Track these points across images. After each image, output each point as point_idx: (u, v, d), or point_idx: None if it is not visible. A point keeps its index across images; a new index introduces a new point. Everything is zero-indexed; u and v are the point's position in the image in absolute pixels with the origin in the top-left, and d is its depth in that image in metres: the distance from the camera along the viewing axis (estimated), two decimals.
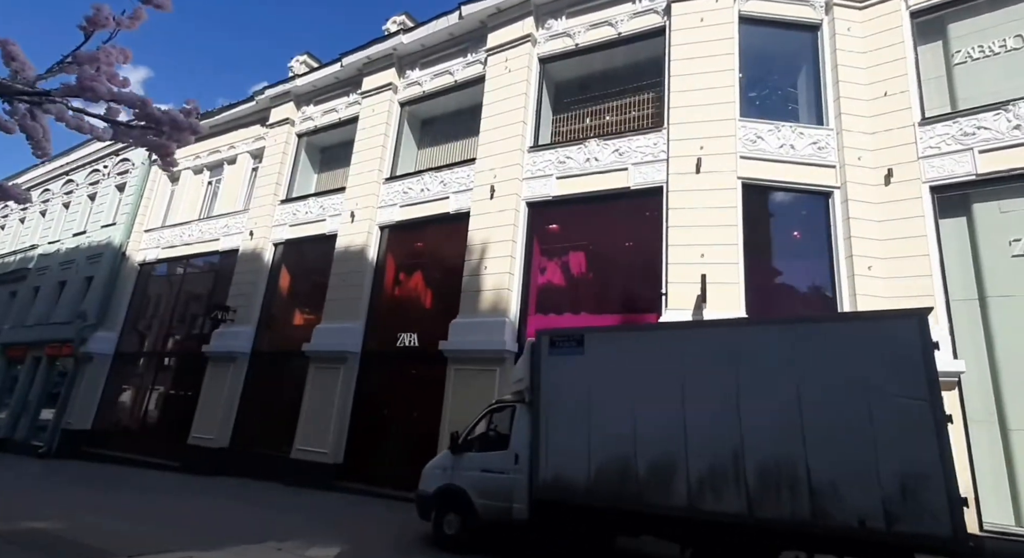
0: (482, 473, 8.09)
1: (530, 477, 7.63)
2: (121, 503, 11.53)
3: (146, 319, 20.39)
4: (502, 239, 12.39)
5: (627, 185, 11.46)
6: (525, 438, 7.86)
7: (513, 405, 8.25)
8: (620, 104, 12.93)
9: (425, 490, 8.59)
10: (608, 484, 6.94)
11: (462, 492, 8.14)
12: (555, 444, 7.45)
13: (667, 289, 10.37)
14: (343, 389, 13.75)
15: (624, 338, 7.48)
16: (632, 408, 6.96)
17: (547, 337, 7.97)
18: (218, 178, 20.29)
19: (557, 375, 7.72)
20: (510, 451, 7.93)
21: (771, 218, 10.71)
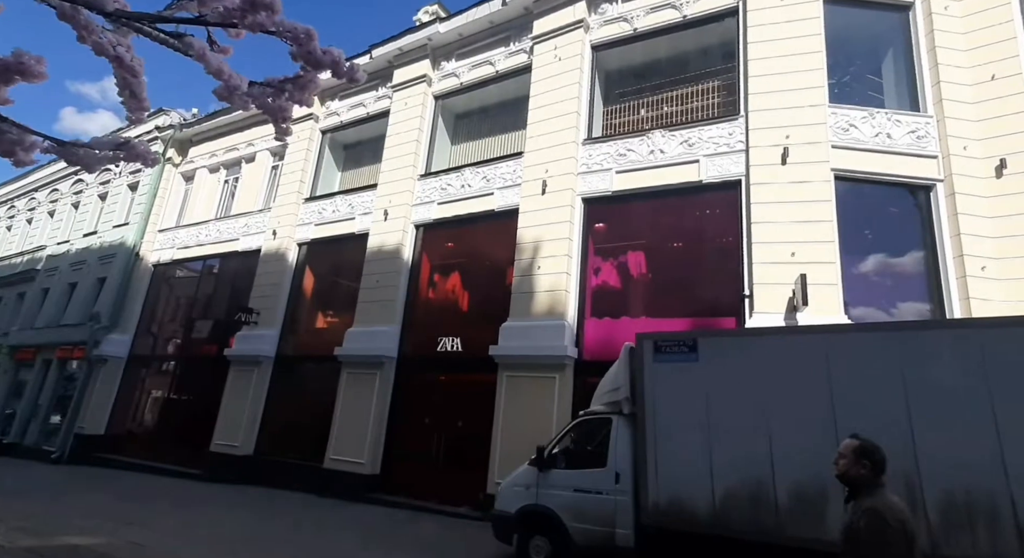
0: (575, 493, 6.94)
1: (635, 499, 6.51)
2: (154, 515, 10.29)
3: (161, 321, 19.07)
4: (557, 237, 11.25)
5: (698, 178, 10.35)
6: (627, 454, 6.73)
7: (608, 417, 7.12)
8: (681, 93, 11.83)
9: (505, 510, 7.44)
10: (738, 511, 5.80)
11: (551, 514, 6.99)
12: (668, 463, 6.32)
13: (751, 291, 9.27)
14: (379, 396, 12.53)
15: (753, 343, 6.33)
16: (766, 423, 5.84)
17: (651, 342, 6.84)
18: (235, 177, 19.02)
19: (665, 384, 6.60)
20: (609, 469, 6.79)
21: (867, 214, 9.62)
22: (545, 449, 7.24)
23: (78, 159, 2.45)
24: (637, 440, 6.68)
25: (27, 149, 2.36)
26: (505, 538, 7.48)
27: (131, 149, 2.50)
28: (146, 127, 20.81)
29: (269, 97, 2.45)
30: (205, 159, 19.65)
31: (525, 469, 7.50)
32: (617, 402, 7.07)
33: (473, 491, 11.01)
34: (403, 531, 9.74)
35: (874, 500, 2.76)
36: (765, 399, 5.90)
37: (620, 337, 10.45)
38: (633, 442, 6.76)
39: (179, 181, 20.44)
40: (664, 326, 10.11)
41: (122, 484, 14.19)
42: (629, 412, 6.89)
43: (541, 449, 7.23)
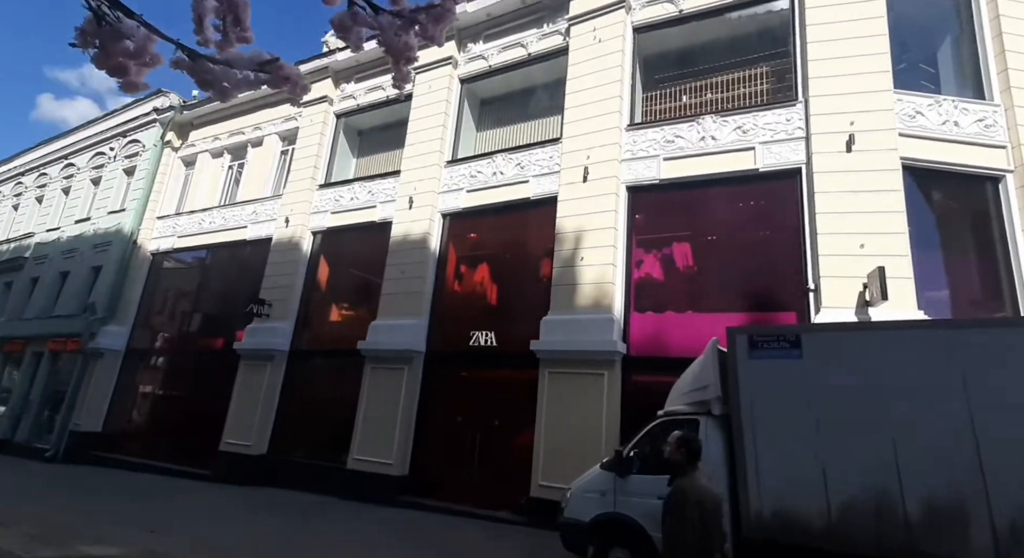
0: (660, 501, 6.34)
1: (732, 508, 5.98)
2: (174, 520, 9.57)
3: (161, 313, 18.13)
4: (601, 226, 10.67)
5: (754, 166, 9.84)
6: (720, 459, 6.19)
7: (694, 418, 6.56)
8: (726, 79, 11.33)
9: (577, 518, 6.86)
10: (859, 523, 5.30)
11: (633, 523, 6.43)
12: (772, 469, 5.79)
13: (817, 284, 8.79)
14: (407, 392, 11.87)
15: (868, 338, 5.80)
16: (888, 425, 5.34)
17: (745, 337, 6.31)
18: (240, 162, 18.08)
19: (764, 383, 6.07)
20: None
21: (934, 205, 9.19)
22: (625, 453, 6.66)
23: (213, 80, 1.96)
24: (732, 444, 6.14)
25: (146, 64, 1.86)
26: (577, 548, 6.92)
27: (277, 70, 2.02)
28: (143, 108, 19.80)
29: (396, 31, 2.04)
30: (207, 143, 18.66)
31: (598, 474, 6.93)
32: (705, 402, 6.53)
33: (512, 494, 10.46)
34: (449, 538, 9.15)
35: (683, 481, 3.65)
36: (886, 399, 5.40)
37: (667, 332, 10.01)
38: (726, 446, 6.23)
39: (179, 166, 19.42)
40: (713, 322, 9.58)
41: (127, 484, 13.40)
42: (721, 413, 6.34)
43: (620, 453, 6.66)
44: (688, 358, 9.45)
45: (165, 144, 19.22)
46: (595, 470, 7.14)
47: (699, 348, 9.37)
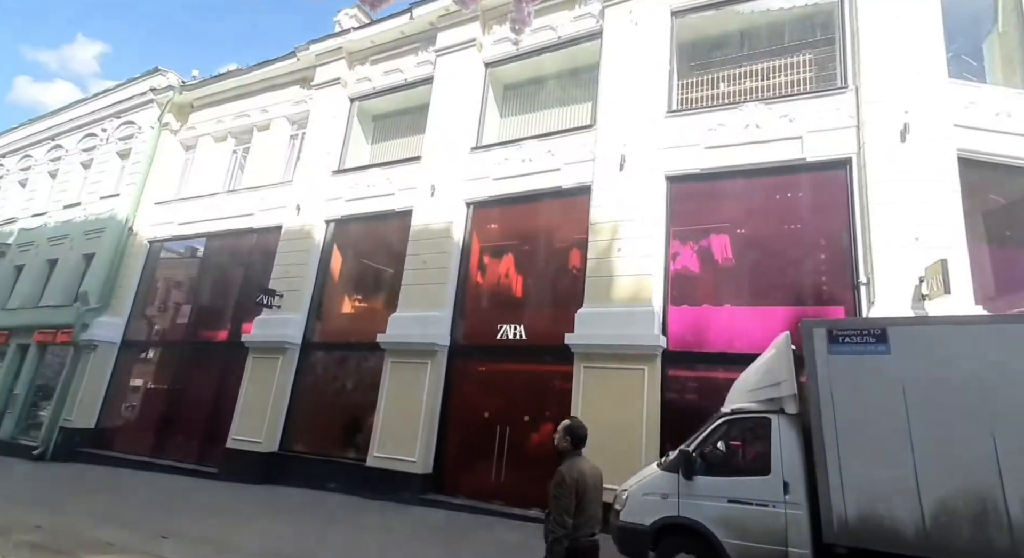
0: (731, 505, 6.20)
1: (812, 513, 5.82)
2: (186, 522, 9.22)
3: (160, 303, 17.67)
4: (638, 217, 10.48)
5: (801, 156, 9.69)
6: (796, 460, 6.04)
7: (764, 416, 6.40)
8: (766, 67, 11.16)
9: (636, 522, 6.65)
10: (957, 529, 5.16)
11: (701, 528, 6.24)
12: (857, 471, 5.64)
13: (869, 278, 8.67)
14: (431, 387, 11.60)
15: (965, 333, 5.65)
16: (989, 424, 5.21)
17: (823, 330, 6.15)
18: (246, 146, 17.60)
19: (846, 380, 5.92)
20: (774, 477, 6.08)
21: (989, 197, 9.11)
22: (691, 453, 6.46)
23: None
24: (810, 444, 5.98)
25: None
26: (636, 554, 6.70)
27: None
28: (138, 88, 19.22)
29: None
30: (210, 126, 18.13)
31: (659, 475, 6.73)
32: (776, 399, 6.37)
33: (543, 492, 10.21)
34: (486, 538, 8.93)
35: (565, 464, 4.04)
36: (985, 396, 5.28)
37: (707, 326, 9.86)
38: (803, 446, 6.07)
39: (178, 150, 18.88)
40: (755, 316, 9.51)
41: (127, 483, 13.00)
42: (798, 411, 6.18)
43: (686, 453, 6.46)
44: (729, 354, 9.48)
45: (163, 126, 18.66)
46: (653, 470, 6.95)
47: (740, 342, 9.37)
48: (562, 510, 3.80)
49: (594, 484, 4.10)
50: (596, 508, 4.07)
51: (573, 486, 3.86)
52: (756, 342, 9.13)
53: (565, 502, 3.82)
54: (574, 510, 3.83)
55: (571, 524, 3.79)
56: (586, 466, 4.09)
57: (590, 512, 3.97)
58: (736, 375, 9.29)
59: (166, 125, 18.64)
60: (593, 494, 4.04)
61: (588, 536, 3.96)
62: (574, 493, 3.85)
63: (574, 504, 3.83)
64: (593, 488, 4.05)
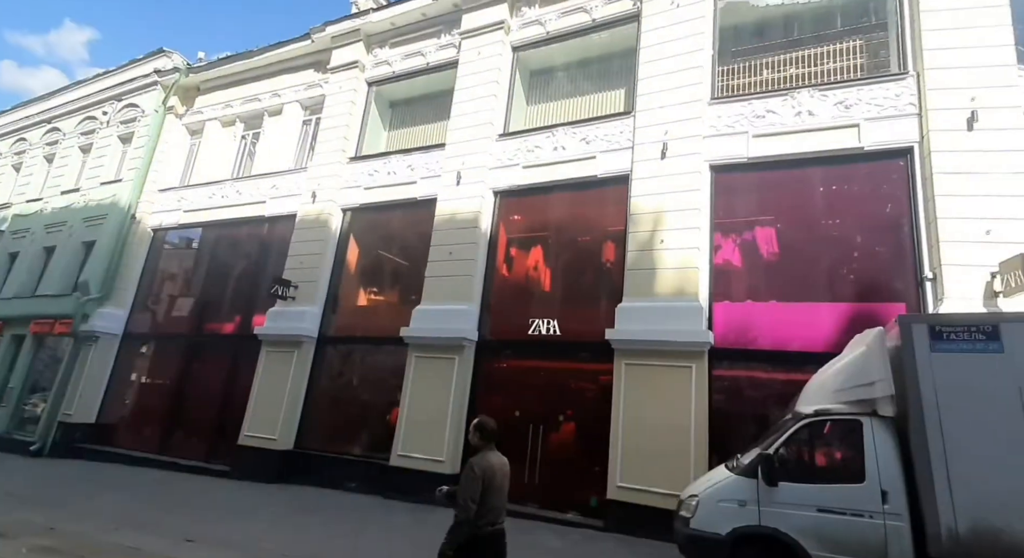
0: (820, 514, 5.71)
1: (914, 524, 5.36)
2: (211, 525, 8.59)
3: (165, 294, 16.93)
4: (683, 207, 9.97)
5: (859, 145, 9.21)
6: (895, 467, 5.57)
7: (855, 419, 5.92)
8: (812, 53, 10.64)
9: (710, 531, 6.13)
10: None
11: (785, 539, 5.75)
12: (967, 479, 5.18)
13: (936, 273, 8.22)
14: (459, 384, 11.05)
15: None
16: None
17: (924, 327, 5.67)
18: (255, 131, 16.89)
19: (951, 380, 5.47)
20: (870, 485, 5.60)
21: None
22: (773, 457, 5.96)
23: None
24: (911, 449, 5.51)
25: None
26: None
27: None
28: (142, 69, 18.43)
29: None
30: (217, 110, 17.40)
31: (734, 480, 6.23)
32: (869, 400, 5.88)
33: (579, 495, 9.82)
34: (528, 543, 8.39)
35: (474, 458, 4.30)
36: None
37: (755, 322, 9.39)
38: (900, 451, 5.59)
39: (183, 134, 18.13)
40: (807, 312, 9.02)
41: (135, 481, 12.35)
42: (896, 413, 5.70)
43: (768, 457, 5.96)
44: (778, 351, 9.02)
45: (168, 110, 17.89)
46: (725, 475, 6.45)
47: (790, 339, 8.91)
48: (467, 497, 4.08)
49: (502, 476, 4.39)
50: (501, 499, 4.36)
51: (481, 476, 4.15)
52: (807, 340, 8.80)
53: (471, 491, 4.10)
54: (478, 499, 4.10)
55: (474, 511, 4.06)
56: (495, 460, 4.39)
57: (494, 503, 4.24)
58: (785, 374, 9.05)
59: (171, 109, 17.87)
60: (500, 485, 4.34)
61: (491, 525, 4.24)
62: (480, 483, 4.13)
63: (479, 493, 4.11)
64: (501, 480, 4.36)
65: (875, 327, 6.30)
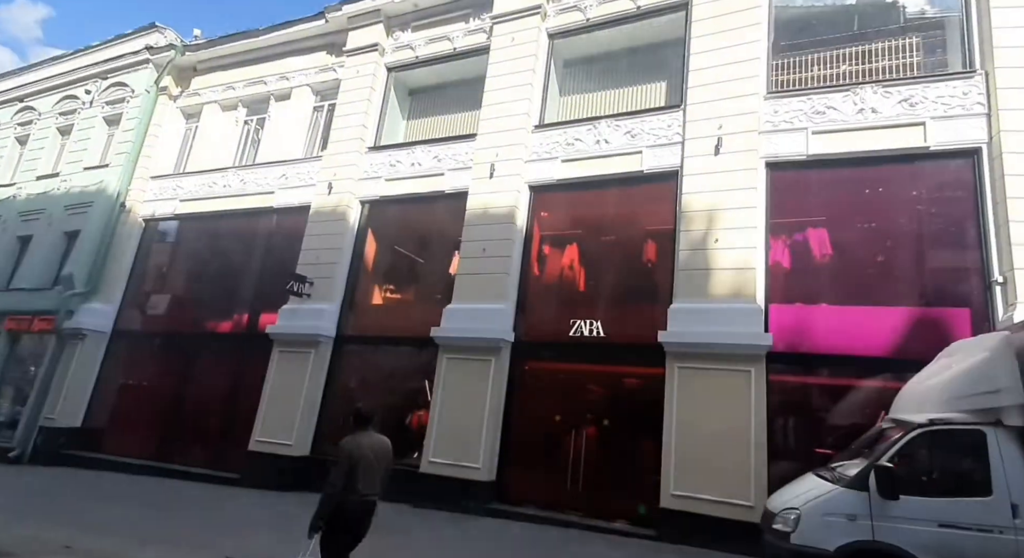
0: (943, 530, 5.53)
1: None
2: (238, 540, 8.02)
3: (158, 289, 16.13)
4: (738, 206, 9.78)
5: (924, 144, 9.12)
6: (1022, 480, 5.40)
7: (977, 429, 5.75)
8: (867, 49, 10.51)
9: (815, 546, 5.88)
10: None
11: (905, 555, 5.55)
12: None
13: (1007, 276, 8.16)
14: (495, 387, 10.70)
15: None
16: None
17: None
18: (260, 116, 16.19)
19: None
20: (998, 498, 5.44)
21: None
22: (892, 469, 5.74)
23: None
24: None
25: None
26: None
27: None
28: (132, 45, 17.51)
29: None
30: (217, 93, 16.63)
31: (841, 492, 6.00)
32: (993, 410, 5.72)
33: (625, 502, 9.61)
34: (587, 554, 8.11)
35: (346, 439, 4.93)
36: None
37: (812, 326, 9.24)
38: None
39: (177, 118, 17.32)
40: (867, 316, 8.90)
41: (139, 492, 11.75)
42: (1020, 423, 5.54)
43: (886, 469, 5.73)
44: (837, 356, 8.88)
45: (160, 91, 17.05)
46: (825, 486, 6.23)
47: (854, 345, 8.77)
48: (334, 475, 4.68)
49: (375, 456, 4.95)
50: (372, 476, 4.89)
51: (348, 457, 4.75)
52: (867, 345, 8.71)
53: (340, 467, 4.70)
54: (346, 475, 4.68)
55: (340, 487, 4.63)
56: (366, 441, 4.96)
57: (364, 478, 4.79)
58: (844, 380, 8.95)
59: (164, 89, 17.02)
60: (372, 464, 4.89)
61: (361, 496, 4.79)
62: (348, 463, 4.72)
63: (344, 472, 4.67)
64: (374, 459, 4.91)
65: (997, 332, 6.16)
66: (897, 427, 6.33)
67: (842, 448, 8.46)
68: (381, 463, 5.01)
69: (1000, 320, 8.05)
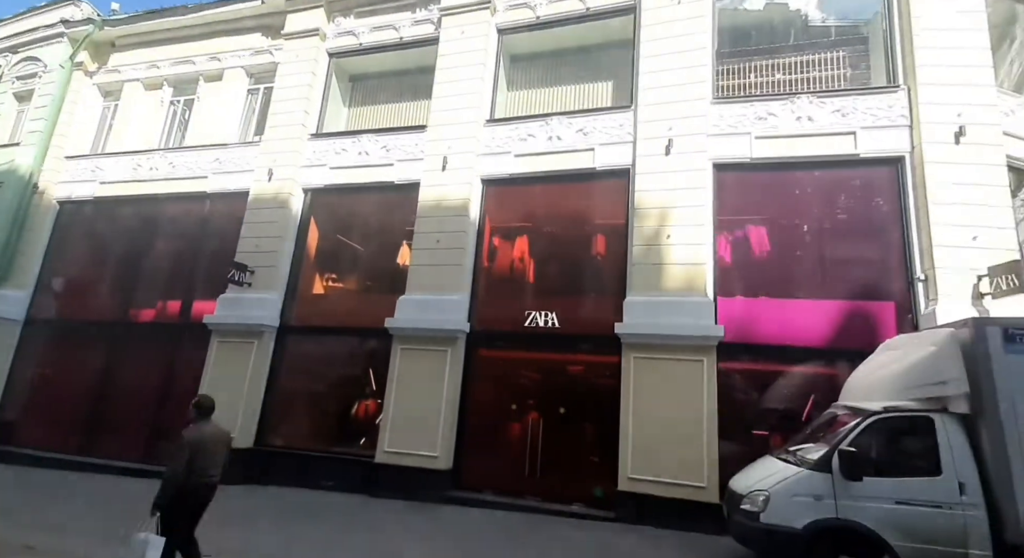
0: (898, 506, 5.67)
1: (991, 514, 5.44)
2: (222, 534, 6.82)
3: (78, 275, 14.19)
4: (688, 204, 9.73)
5: (855, 151, 9.42)
6: (970, 461, 5.63)
7: (926, 416, 5.93)
8: (800, 61, 10.79)
9: (784, 525, 5.91)
10: None
11: (866, 531, 5.66)
12: None
13: (928, 275, 8.59)
14: (451, 377, 10.18)
15: None
16: None
17: (998, 329, 5.75)
18: (188, 97, 14.56)
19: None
20: (947, 478, 5.63)
21: None
22: (855, 453, 5.82)
23: None
24: (984, 444, 5.59)
25: None
26: (782, 557, 6.01)
27: None
28: (45, 18, 15.34)
29: None
30: (139, 71, 14.81)
31: (806, 475, 6.05)
32: (941, 398, 5.91)
33: (581, 485, 9.43)
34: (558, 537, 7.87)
35: (188, 428, 5.19)
36: None
37: (756, 318, 9.37)
38: (972, 446, 5.67)
39: (95, 95, 15.31)
40: (804, 309, 9.13)
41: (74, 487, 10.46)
42: (970, 411, 5.76)
43: (850, 454, 5.81)
44: (778, 346, 9.08)
45: (76, 66, 14.98)
46: (790, 469, 6.27)
47: (793, 335, 8.98)
48: (176, 460, 4.96)
49: (214, 442, 5.26)
50: (212, 460, 5.20)
51: (188, 445, 5.02)
52: (805, 336, 8.91)
53: (181, 454, 4.98)
54: (187, 461, 4.95)
55: (180, 472, 4.90)
56: (208, 429, 5.26)
57: (204, 463, 5.09)
58: (785, 367, 9.14)
59: (80, 65, 14.98)
60: (211, 450, 5.19)
61: (201, 479, 5.08)
62: (187, 449, 5.00)
63: (185, 458, 4.95)
64: (212, 446, 5.21)
65: (944, 328, 6.37)
66: (851, 414, 6.44)
67: (779, 430, 8.78)
68: (220, 450, 5.33)
69: (922, 314, 8.46)
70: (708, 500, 8.29)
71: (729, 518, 6.71)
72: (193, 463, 4.97)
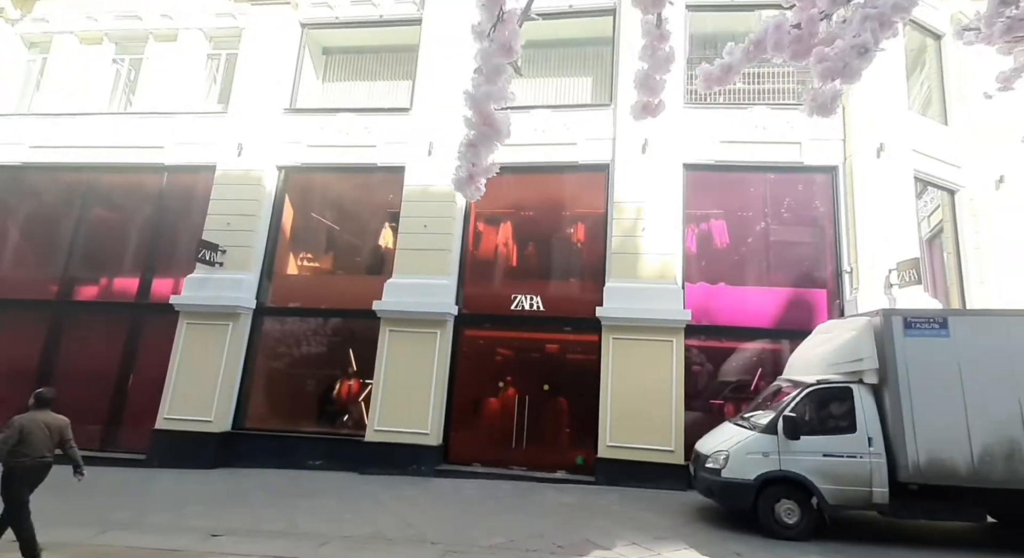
0: (825, 458, 8.53)
1: (888, 460, 8.39)
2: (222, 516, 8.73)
3: (10, 251, 14.69)
4: (662, 199, 12.28)
5: (800, 159, 12.31)
6: (875, 420, 8.56)
7: (846, 386, 8.81)
8: (757, 72, 13.48)
9: (740, 477, 8.63)
10: (994, 465, 8.09)
11: (800, 479, 8.48)
12: (926, 427, 8.31)
13: (853, 267, 11.68)
14: (440, 357, 12.27)
15: (1009, 323, 8.52)
16: (1017, 392, 8.18)
17: (900, 318, 8.69)
18: (136, 57, 15.20)
19: (917, 357, 8.52)
20: (860, 434, 8.54)
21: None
22: (796, 418, 8.62)
23: None
24: (887, 407, 8.53)
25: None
26: (738, 504, 8.73)
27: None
28: None
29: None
30: (74, 22, 15.16)
31: (757, 437, 8.77)
32: (858, 372, 8.81)
33: (563, 454, 11.93)
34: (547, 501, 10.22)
35: (21, 415, 6.57)
36: (1015, 370, 8.24)
37: (716, 303, 12.15)
38: (878, 408, 8.60)
39: (18, 46, 15.48)
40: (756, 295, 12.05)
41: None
42: (875, 381, 8.68)
43: (791, 419, 8.59)
44: (735, 327, 11.95)
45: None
46: (744, 432, 9.00)
47: (745, 317, 11.93)
48: (3, 440, 6.30)
49: (49, 429, 6.61)
50: (42, 443, 6.52)
51: (19, 429, 6.39)
52: (754, 318, 11.79)
53: (9, 436, 6.32)
54: (14, 444, 6.32)
55: (6, 450, 6.27)
56: (40, 417, 6.63)
57: (35, 445, 6.45)
58: (737, 345, 12.06)
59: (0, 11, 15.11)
60: (44, 435, 6.55)
61: (32, 459, 6.44)
62: (17, 434, 6.36)
63: (12, 440, 6.31)
64: (41, 431, 6.53)
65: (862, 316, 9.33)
66: (792, 386, 9.28)
67: (733, 400, 11.67)
68: (55, 436, 6.65)
69: (847, 300, 11.57)
70: (675, 462, 11.05)
71: (695, 476, 9.37)
72: (23, 445, 6.33)
